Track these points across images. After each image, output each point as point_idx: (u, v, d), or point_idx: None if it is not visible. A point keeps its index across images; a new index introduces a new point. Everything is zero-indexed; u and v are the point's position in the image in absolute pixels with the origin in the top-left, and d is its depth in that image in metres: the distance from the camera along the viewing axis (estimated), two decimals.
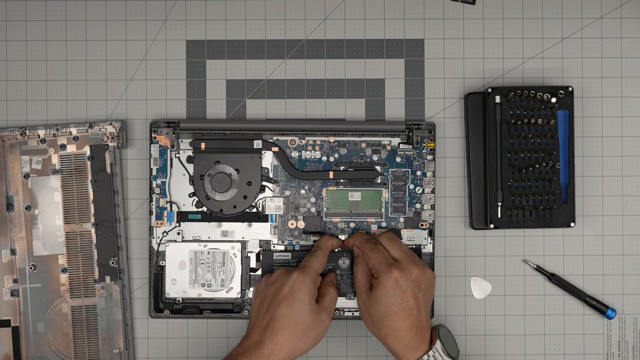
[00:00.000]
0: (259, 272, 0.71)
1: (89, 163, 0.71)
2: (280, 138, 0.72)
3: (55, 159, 0.71)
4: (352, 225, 0.71)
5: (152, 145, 0.71)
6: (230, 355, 0.63)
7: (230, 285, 0.71)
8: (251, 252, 0.72)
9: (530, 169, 0.69)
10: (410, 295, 0.64)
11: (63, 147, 0.71)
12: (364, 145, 0.72)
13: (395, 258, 0.66)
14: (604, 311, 0.72)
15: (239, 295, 0.71)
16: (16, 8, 0.73)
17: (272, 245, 0.72)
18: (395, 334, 0.64)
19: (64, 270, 0.71)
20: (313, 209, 0.72)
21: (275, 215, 0.72)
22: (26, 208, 0.71)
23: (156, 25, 0.73)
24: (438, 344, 0.64)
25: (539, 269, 0.72)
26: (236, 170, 0.71)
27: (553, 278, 0.72)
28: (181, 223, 0.71)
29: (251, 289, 0.71)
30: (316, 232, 0.72)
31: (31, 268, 0.71)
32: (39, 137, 0.71)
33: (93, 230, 0.71)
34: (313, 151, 0.72)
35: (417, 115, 0.73)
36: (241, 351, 0.63)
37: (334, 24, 0.73)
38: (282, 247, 0.72)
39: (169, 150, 0.71)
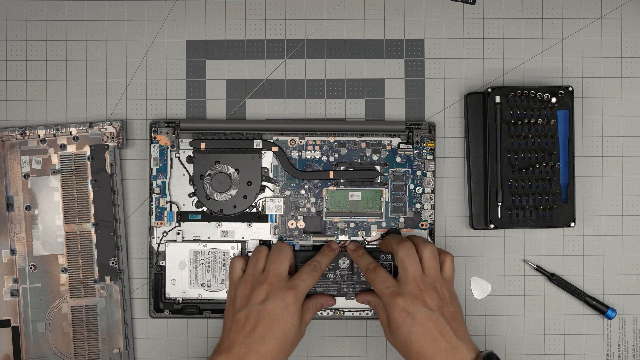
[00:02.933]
0: None
1: (89, 163, 0.71)
2: (280, 138, 0.72)
3: (55, 159, 0.71)
4: (352, 225, 0.71)
5: (152, 145, 0.71)
6: None
7: None
8: (251, 252, 0.72)
9: (530, 169, 0.69)
10: (424, 318, 0.62)
11: (63, 147, 0.71)
12: (364, 145, 0.72)
13: (403, 279, 0.64)
14: (604, 311, 0.72)
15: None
16: (16, 8, 0.73)
17: (272, 246, 0.72)
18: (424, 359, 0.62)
19: (64, 270, 0.71)
20: (313, 209, 0.72)
21: (275, 215, 0.72)
22: (26, 208, 0.71)
23: (156, 25, 0.73)
24: None
25: (539, 269, 0.72)
26: (236, 170, 0.71)
27: (553, 278, 0.72)
28: (181, 223, 0.71)
29: None
30: (316, 232, 0.71)
31: (31, 268, 0.71)
32: (39, 137, 0.71)
33: (93, 230, 0.71)
34: (313, 151, 0.72)
35: (417, 115, 0.73)
36: None
37: (334, 24, 0.73)
38: None
39: (169, 150, 0.71)
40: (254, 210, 0.72)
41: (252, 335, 0.63)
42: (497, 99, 0.70)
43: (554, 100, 0.69)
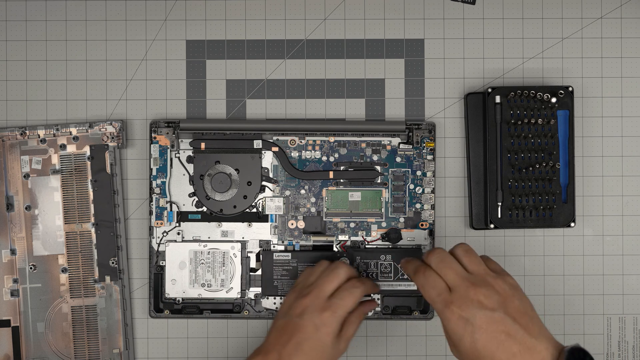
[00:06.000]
0: (259, 272, 0.71)
1: (89, 163, 0.71)
2: (280, 138, 0.72)
3: (55, 159, 0.71)
4: (352, 225, 0.71)
5: (152, 145, 0.71)
6: None
7: (230, 285, 0.71)
8: (251, 252, 0.72)
9: (530, 169, 0.69)
10: (485, 322, 0.55)
11: (63, 147, 0.71)
12: (364, 145, 0.72)
13: (450, 285, 0.57)
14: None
15: (239, 296, 0.71)
16: (16, 8, 0.73)
17: (272, 246, 0.72)
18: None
19: (64, 270, 0.71)
20: (313, 209, 0.72)
21: (275, 215, 0.72)
22: (26, 208, 0.71)
23: (156, 25, 0.73)
24: None
25: None
26: (236, 170, 0.71)
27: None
28: (181, 223, 0.71)
29: (251, 289, 0.71)
30: (316, 232, 0.71)
31: (31, 268, 0.71)
32: (39, 137, 0.71)
33: (93, 230, 0.71)
34: (313, 151, 0.72)
35: (417, 115, 0.73)
36: None
37: (334, 24, 0.73)
38: (282, 247, 0.72)
39: (169, 150, 0.71)
40: (254, 210, 0.72)
41: (287, 346, 0.62)
42: (497, 99, 0.70)
43: (554, 100, 0.69)
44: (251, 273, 0.71)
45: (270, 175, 0.72)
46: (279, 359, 0.61)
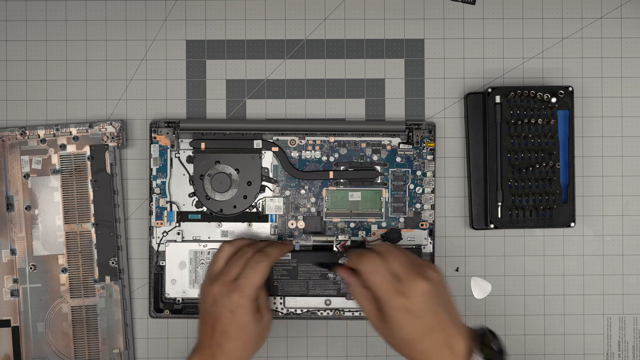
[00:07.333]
0: None
1: (89, 163, 0.71)
2: (280, 138, 0.72)
3: (55, 159, 0.71)
4: (352, 225, 0.71)
5: (152, 145, 0.71)
6: None
7: None
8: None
9: (530, 169, 0.69)
10: (426, 314, 0.59)
11: (63, 147, 0.71)
12: (364, 145, 0.72)
13: (396, 274, 0.60)
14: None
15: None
16: (16, 8, 0.73)
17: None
18: (427, 357, 0.59)
19: (64, 270, 0.71)
20: (313, 209, 0.72)
21: (275, 215, 0.72)
22: (26, 208, 0.71)
23: (156, 25, 0.73)
24: (475, 358, 0.59)
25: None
26: (236, 170, 0.71)
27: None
28: (181, 223, 0.71)
29: None
30: (316, 232, 0.71)
31: (31, 268, 0.71)
32: (39, 137, 0.71)
33: (93, 230, 0.71)
34: (313, 151, 0.72)
35: (417, 115, 0.73)
36: None
37: (334, 24, 0.73)
38: None
39: (169, 150, 0.71)
40: (254, 210, 0.72)
41: (215, 337, 0.63)
42: (497, 99, 0.70)
43: (554, 100, 0.69)
44: None
45: (270, 175, 0.72)
46: (212, 352, 0.63)
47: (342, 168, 0.72)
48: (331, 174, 0.71)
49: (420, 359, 0.60)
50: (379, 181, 0.72)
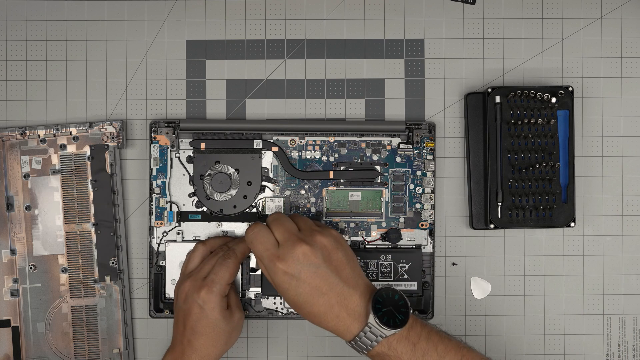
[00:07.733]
0: (259, 272, 0.71)
1: (89, 163, 0.71)
2: (280, 138, 0.72)
3: (55, 159, 0.71)
4: (352, 225, 0.71)
5: (152, 145, 0.71)
6: None
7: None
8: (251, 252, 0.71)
9: (530, 169, 0.69)
10: (310, 276, 0.60)
11: (63, 147, 0.71)
12: (364, 145, 0.72)
13: (278, 241, 0.61)
14: None
15: (239, 295, 0.71)
16: (16, 8, 0.73)
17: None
18: (322, 318, 0.60)
19: (64, 270, 0.71)
20: (313, 209, 0.72)
21: None
22: (26, 208, 0.71)
23: (156, 25, 0.73)
24: (371, 318, 0.59)
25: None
26: (236, 170, 0.71)
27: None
28: (181, 223, 0.71)
29: (251, 289, 0.71)
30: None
31: (31, 268, 0.71)
32: (39, 137, 0.71)
33: (93, 230, 0.71)
34: (313, 151, 0.72)
35: (417, 115, 0.73)
36: None
37: (334, 24, 0.73)
38: None
39: (169, 150, 0.71)
40: (254, 210, 0.72)
41: (185, 333, 0.64)
42: (497, 99, 0.70)
43: (554, 100, 0.69)
44: (251, 273, 0.71)
45: (270, 175, 0.72)
46: (182, 348, 0.64)
47: (342, 168, 0.72)
48: (331, 174, 0.71)
49: (318, 321, 0.61)
50: (379, 181, 0.72)
